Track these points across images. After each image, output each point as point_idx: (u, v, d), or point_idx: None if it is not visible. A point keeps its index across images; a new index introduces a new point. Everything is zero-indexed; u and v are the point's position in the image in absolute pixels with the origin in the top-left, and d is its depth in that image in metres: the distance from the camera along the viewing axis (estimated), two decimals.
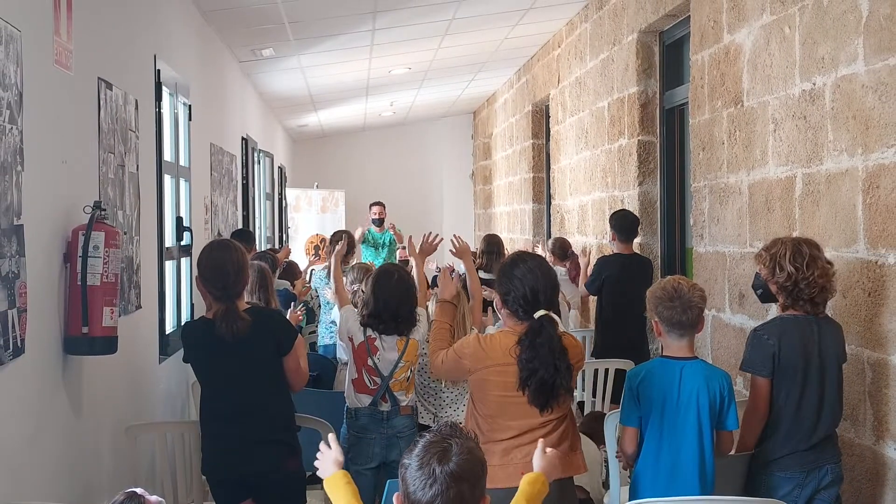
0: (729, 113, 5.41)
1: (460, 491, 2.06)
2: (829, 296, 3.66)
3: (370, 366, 4.22)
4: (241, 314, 3.83)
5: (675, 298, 3.51)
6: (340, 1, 7.53)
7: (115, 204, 4.48)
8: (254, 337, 3.83)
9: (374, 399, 4.22)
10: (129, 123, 4.80)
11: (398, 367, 4.23)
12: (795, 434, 3.57)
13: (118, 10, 4.82)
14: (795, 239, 3.71)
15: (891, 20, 3.76)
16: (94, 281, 3.63)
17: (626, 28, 7.48)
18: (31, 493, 3.29)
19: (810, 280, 3.56)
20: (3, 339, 3.01)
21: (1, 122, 3.02)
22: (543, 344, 3.30)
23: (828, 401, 3.60)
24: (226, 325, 3.78)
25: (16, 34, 3.17)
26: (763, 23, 4.94)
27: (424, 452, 2.09)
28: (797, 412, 3.57)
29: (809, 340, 3.58)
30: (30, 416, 3.36)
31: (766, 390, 3.59)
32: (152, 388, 5.37)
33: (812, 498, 3.57)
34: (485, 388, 3.40)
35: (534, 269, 3.41)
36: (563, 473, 3.35)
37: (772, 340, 3.59)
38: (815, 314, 3.62)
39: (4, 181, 3.05)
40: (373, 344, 4.23)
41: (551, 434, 3.36)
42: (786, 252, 3.62)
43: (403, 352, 4.25)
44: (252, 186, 10.29)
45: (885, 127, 3.81)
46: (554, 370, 3.28)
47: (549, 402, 3.31)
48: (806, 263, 3.57)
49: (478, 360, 3.41)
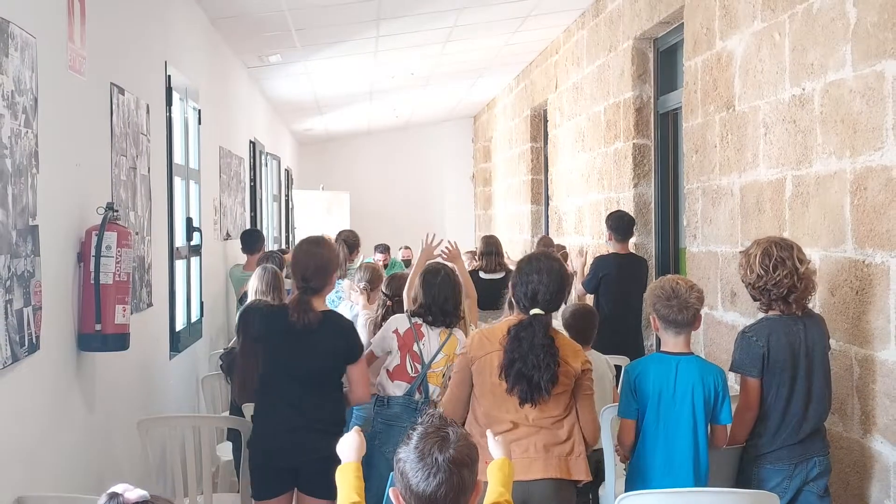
0: (721, 117, 5.41)
1: (462, 476, 2.06)
2: (805, 295, 3.62)
3: (415, 351, 4.25)
4: (314, 308, 3.87)
5: (673, 298, 3.53)
6: (345, 9, 7.53)
7: (128, 205, 4.48)
8: (324, 335, 3.85)
9: (411, 387, 4.24)
10: (140, 127, 4.80)
11: (438, 358, 4.26)
12: (785, 429, 3.57)
13: (130, 17, 4.83)
14: (768, 240, 3.70)
15: (878, 27, 3.76)
16: (106, 280, 3.63)
17: (621, 35, 7.48)
18: (46, 484, 3.30)
19: (777, 281, 3.56)
20: (18, 335, 3.01)
21: (17, 126, 3.03)
22: (526, 339, 3.34)
23: (815, 395, 3.60)
24: (298, 314, 3.82)
25: (31, 41, 3.17)
26: (754, 30, 4.94)
27: (424, 443, 2.07)
28: (786, 408, 3.57)
29: (795, 338, 3.58)
30: (45, 410, 3.37)
31: (757, 390, 3.59)
32: (163, 384, 5.37)
33: (800, 489, 3.58)
34: (484, 375, 3.41)
35: (541, 271, 3.44)
36: (559, 474, 3.36)
37: (760, 341, 3.58)
38: (792, 313, 3.60)
39: (20, 183, 3.05)
40: (419, 330, 4.28)
41: (552, 431, 3.37)
42: (756, 254, 3.64)
43: (445, 343, 4.29)
44: (259, 188, 10.30)
45: (872, 131, 3.81)
46: (532, 366, 3.30)
47: (531, 396, 3.32)
48: (773, 265, 3.57)
49: (480, 348, 3.45)
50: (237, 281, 7.48)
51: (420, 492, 2.04)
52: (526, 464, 3.31)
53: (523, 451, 3.34)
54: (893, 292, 3.68)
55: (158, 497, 1.78)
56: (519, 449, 3.32)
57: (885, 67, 3.71)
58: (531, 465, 3.32)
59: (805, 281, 3.60)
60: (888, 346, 3.71)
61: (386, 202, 16.45)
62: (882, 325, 3.75)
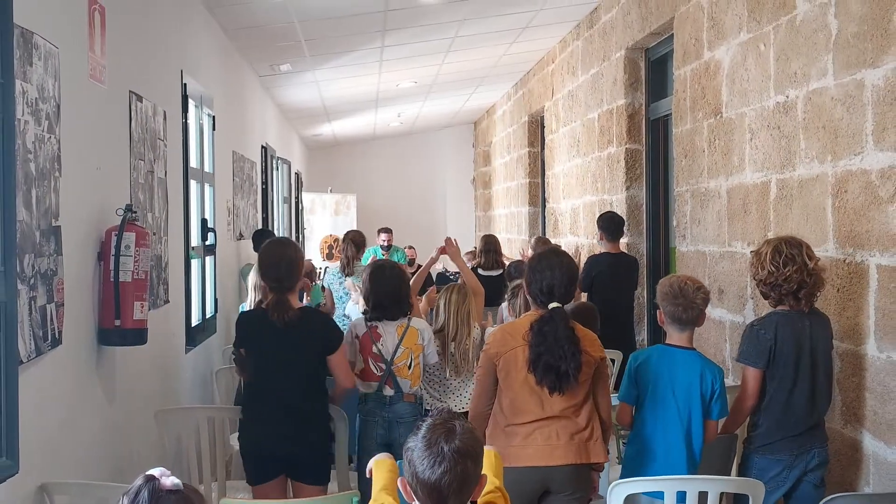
0: (709, 123, 5.40)
1: (465, 467, 2.05)
2: (814, 290, 3.60)
3: (374, 353, 4.23)
4: (292, 306, 3.87)
5: (680, 297, 3.54)
6: (352, 21, 7.53)
7: (145, 207, 4.48)
8: (303, 330, 3.86)
9: (379, 384, 4.24)
10: (157, 133, 4.80)
11: (399, 352, 4.24)
12: (787, 421, 3.54)
13: (148, 28, 4.83)
14: (779, 239, 3.68)
15: (857, 38, 3.75)
16: (125, 277, 3.63)
17: (614, 45, 7.47)
18: (68, 471, 3.30)
19: (787, 276, 3.54)
20: (42, 331, 3.01)
21: (40, 132, 3.03)
22: (550, 332, 3.33)
23: (819, 390, 3.57)
24: (277, 314, 3.83)
25: (54, 51, 3.18)
26: (740, 40, 4.93)
27: (431, 433, 2.06)
28: (788, 400, 3.54)
29: (802, 334, 3.56)
30: (67, 401, 3.37)
31: (758, 381, 3.57)
32: (179, 376, 5.37)
33: (800, 479, 3.55)
34: (510, 369, 3.39)
35: (554, 267, 3.46)
36: (579, 460, 3.37)
37: (769, 335, 3.56)
38: (801, 309, 3.59)
39: (43, 186, 3.05)
40: (375, 331, 4.26)
41: (572, 420, 3.37)
42: (767, 252, 3.62)
43: (403, 336, 4.26)
44: (271, 191, 10.29)
45: (852, 136, 3.81)
46: (559, 356, 3.30)
47: (560, 385, 3.32)
48: (783, 261, 3.56)
49: (504, 344, 3.43)
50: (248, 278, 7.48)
51: (426, 479, 2.04)
52: (548, 451, 3.33)
53: (546, 438, 3.35)
54: (873, 290, 3.67)
55: (190, 486, 1.77)
56: (542, 437, 3.34)
57: (864, 76, 3.70)
58: (553, 452, 3.34)
59: (814, 277, 3.57)
60: (868, 341, 3.71)
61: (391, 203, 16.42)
62: (862, 320, 3.75)
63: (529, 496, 3.36)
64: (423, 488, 2.05)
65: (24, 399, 2.75)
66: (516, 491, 3.34)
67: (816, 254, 3.64)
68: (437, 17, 7.73)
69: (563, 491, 3.36)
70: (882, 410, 3.63)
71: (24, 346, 2.85)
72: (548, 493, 3.38)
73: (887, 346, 3.58)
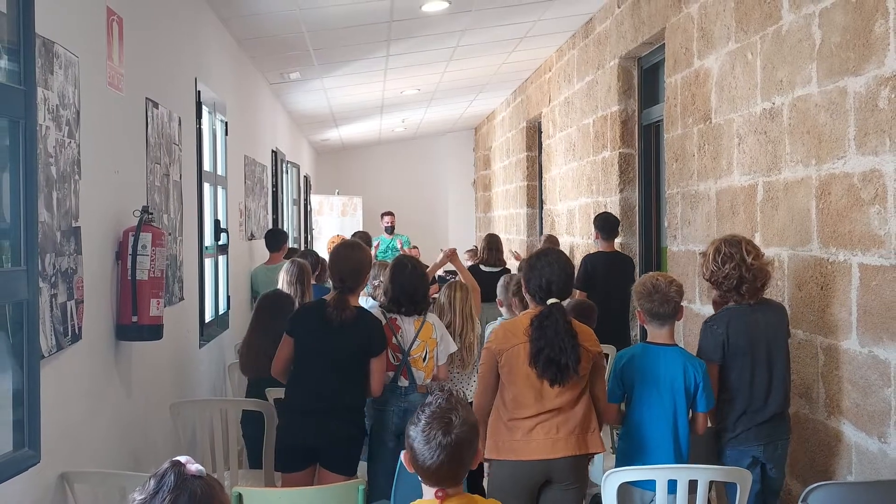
0: (699, 129, 5.40)
1: (461, 454, 2.11)
2: (756, 284, 3.60)
3: (394, 343, 4.23)
4: (350, 306, 3.88)
5: (654, 293, 3.52)
6: (359, 31, 7.53)
7: (161, 208, 4.48)
8: (355, 330, 3.86)
9: (395, 374, 4.23)
10: (173, 138, 4.80)
11: (416, 345, 4.25)
12: (750, 410, 3.56)
13: (163, 38, 4.83)
14: (720, 239, 3.71)
15: (840, 48, 3.75)
16: (142, 276, 3.64)
17: (608, 54, 7.47)
18: (88, 461, 3.31)
19: (727, 274, 3.58)
20: (62, 326, 3.02)
21: (61, 137, 3.03)
22: (550, 326, 3.32)
23: (776, 377, 3.59)
24: (336, 312, 3.84)
25: (74, 60, 3.18)
26: (729, 50, 4.93)
27: (429, 427, 2.11)
28: (750, 390, 3.56)
29: (753, 326, 3.58)
30: (86, 394, 3.37)
31: (716, 374, 3.59)
32: (194, 370, 5.38)
33: (767, 469, 3.58)
34: (513, 365, 3.38)
35: (552, 264, 3.44)
36: (578, 451, 3.36)
37: (720, 329, 3.59)
38: (745, 302, 3.60)
39: (64, 188, 3.06)
40: (395, 323, 4.26)
41: (572, 413, 3.36)
42: (710, 252, 3.66)
43: (419, 330, 4.27)
44: (281, 193, 10.29)
45: (835, 141, 3.80)
46: (559, 350, 3.29)
47: (560, 378, 3.31)
48: (721, 260, 3.60)
49: (506, 341, 3.41)
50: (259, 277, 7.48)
51: (426, 467, 2.11)
52: (549, 444, 3.33)
53: (547, 432, 3.34)
54: (854, 287, 3.67)
55: (212, 476, 1.81)
56: (543, 431, 3.33)
57: (847, 84, 3.70)
58: (554, 445, 3.33)
59: (754, 272, 3.58)
60: (850, 337, 3.71)
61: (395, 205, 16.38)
62: (844, 317, 3.75)
63: (532, 487, 3.37)
64: (421, 471, 2.13)
65: (46, 391, 2.76)
66: (520, 482, 3.35)
67: (801, 253, 3.63)
68: (439, 27, 7.73)
69: (563, 481, 3.36)
70: (864, 403, 3.62)
71: (46, 341, 2.85)
72: (548, 483, 3.38)
73: (868, 342, 3.58)
